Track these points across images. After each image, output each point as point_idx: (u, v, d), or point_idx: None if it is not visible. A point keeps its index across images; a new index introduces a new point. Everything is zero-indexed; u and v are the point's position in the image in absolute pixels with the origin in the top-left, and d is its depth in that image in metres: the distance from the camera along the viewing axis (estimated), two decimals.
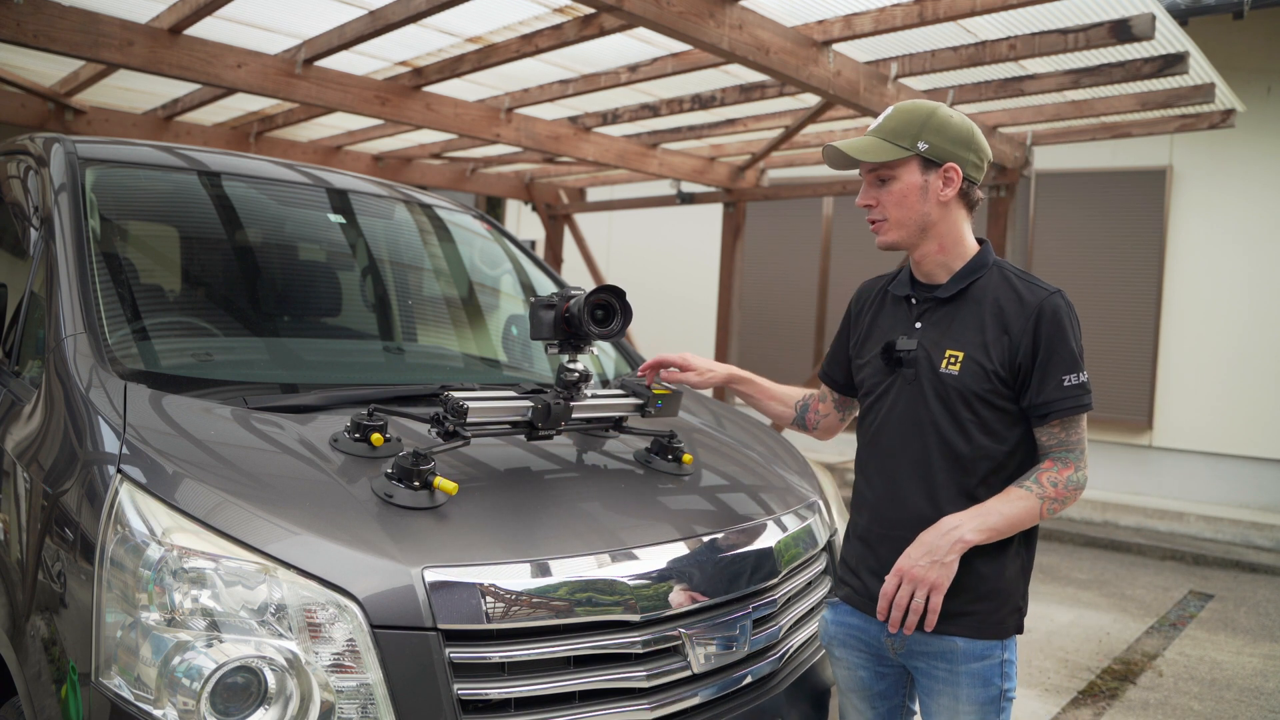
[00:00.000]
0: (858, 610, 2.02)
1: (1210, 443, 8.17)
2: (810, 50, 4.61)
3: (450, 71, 5.57)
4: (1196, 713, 4.15)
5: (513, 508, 1.91)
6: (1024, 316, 1.87)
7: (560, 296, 2.11)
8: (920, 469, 1.92)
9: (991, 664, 1.89)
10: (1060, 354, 1.85)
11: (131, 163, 2.74)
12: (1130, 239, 8.53)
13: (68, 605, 1.68)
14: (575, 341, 2.12)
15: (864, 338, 2.10)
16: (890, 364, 1.98)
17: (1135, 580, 6.55)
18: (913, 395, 1.93)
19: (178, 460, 1.75)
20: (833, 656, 2.10)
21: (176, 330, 2.48)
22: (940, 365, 1.90)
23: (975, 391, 1.87)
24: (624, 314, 2.10)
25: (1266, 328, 8.00)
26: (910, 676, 2.04)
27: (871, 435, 2.02)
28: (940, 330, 1.94)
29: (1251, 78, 7.72)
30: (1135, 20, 4.36)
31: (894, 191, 1.93)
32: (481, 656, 1.65)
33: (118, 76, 6.13)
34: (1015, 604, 1.93)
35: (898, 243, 1.95)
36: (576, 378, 2.13)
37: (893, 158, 1.91)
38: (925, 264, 1.98)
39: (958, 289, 1.94)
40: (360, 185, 3.25)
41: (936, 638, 1.90)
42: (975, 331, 1.90)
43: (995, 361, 1.86)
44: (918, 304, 1.99)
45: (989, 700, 1.89)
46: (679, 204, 9.08)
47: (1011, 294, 1.91)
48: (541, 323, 2.11)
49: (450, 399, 1.95)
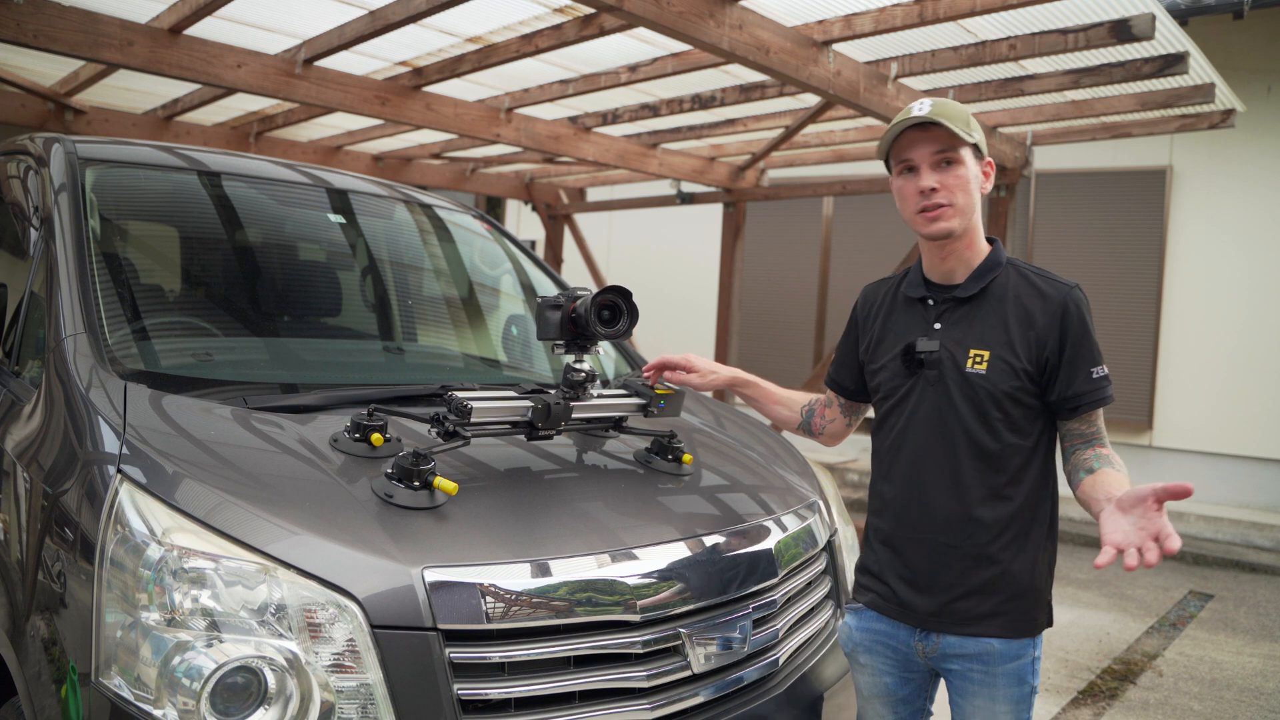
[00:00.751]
0: (884, 616, 2.00)
1: (1210, 442, 8.17)
2: (810, 50, 4.60)
3: (450, 71, 5.57)
4: (1196, 713, 4.15)
5: (513, 508, 1.91)
6: (1049, 312, 1.86)
7: (566, 297, 2.12)
8: (948, 470, 1.90)
9: (1025, 662, 1.90)
10: (1086, 347, 1.85)
11: (131, 163, 2.74)
12: (1130, 239, 8.53)
13: (68, 605, 1.67)
14: (581, 341, 2.13)
15: (876, 341, 2.06)
16: (911, 366, 1.95)
17: (1135, 580, 6.55)
18: (937, 396, 1.91)
19: (178, 460, 1.75)
20: (855, 663, 2.08)
21: (176, 330, 2.48)
22: (966, 365, 1.88)
23: (1004, 389, 1.86)
24: (630, 314, 2.11)
25: (1266, 328, 8.00)
26: (931, 679, 2.02)
27: (895, 438, 1.99)
28: (962, 329, 1.92)
29: (1251, 78, 7.71)
30: (1135, 20, 4.35)
31: (960, 176, 1.89)
32: (481, 656, 1.65)
33: (118, 76, 6.13)
34: (1045, 599, 1.94)
35: (955, 230, 1.90)
36: (583, 377, 2.14)
37: (965, 139, 1.88)
38: (950, 260, 1.95)
39: (978, 287, 1.93)
40: (360, 185, 3.25)
41: (973, 640, 1.89)
42: (1000, 329, 1.88)
43: (1023, 359, 1.85)
44: (936, 304, 1.97)
45: (1022, 698, 1.90)
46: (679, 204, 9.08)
47: (1032, 290, 1.89)
48: (548, 323, 2.12)
49: (454, 399, 1.96)
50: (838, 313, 10.05)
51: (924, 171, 1.91)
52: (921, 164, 1.91)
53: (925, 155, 1.90)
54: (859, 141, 7.31)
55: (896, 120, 1.92)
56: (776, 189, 8.58)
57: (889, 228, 9.48)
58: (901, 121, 1.90)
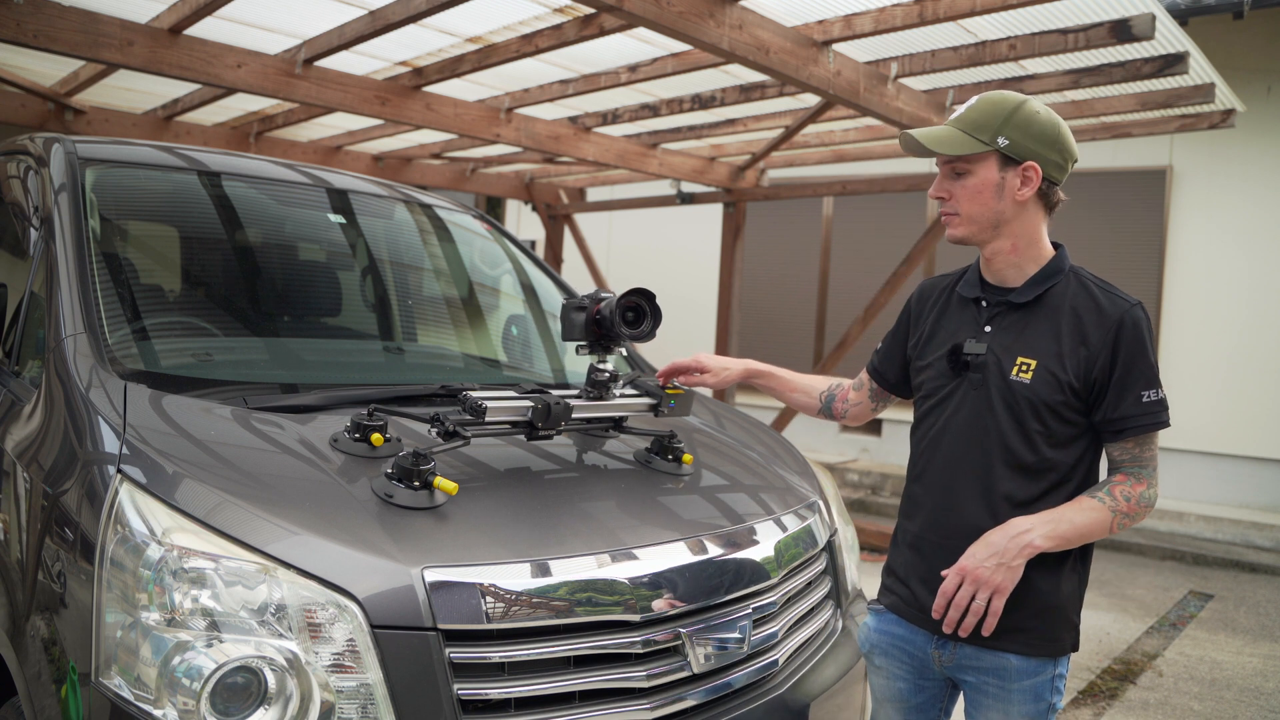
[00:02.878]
0: (904, 620, 1.97)
1: (1210, 443, 8.17)
2: (810, 50, 4.61)
3: (450, 71, 5.57)
4: (1196, 712, 4.15)
5: (513, 508, 1.91)
6: (1104, 328, 1.79)
7: (591, 299, 2.18)
8: (981, 478, 1.85)
9: (1043, 680, 1.84)
10: (1140, 368, 1.77)
11: (131, 163, 2.74)
12: (1130, 239, 8.53)
13: (68, 605, 1.68)
14: (606, 342, 2.19)
15: (926, 338, 2.02)
16: (956, 368, 1.90)
17: (1135, 580, 6.54)
18: (978, 401, 1.85)
19: (178, 460, 1.75)
20: (871, 665, 2.06)
21: (176, 330, 2.48)
22: (1011, 372, 1.83)
23: (1046, 402, 1.79)
24: (654, 316, 2.16)
25: (1266, 328, 8.00)
26: (948, 689, 1.99)
27: (930, 440, 1.94)
28: (1012, 336, 1.86)
29: (1251, 78, 7.71)
30: (1135, 20, 4.35)
31: (968, 186, 1.85)
32: (481, 656, 1.65)
33: (118, 76, 6.13)
34: (1071, 621, 1.87)
35: (967, 238, 1.88)
36: (607, 377, 2.21)
37: (969, 151, 1.83)
38: (996, 262, 1.91)
39: (1034, 294, 1.86)
40: (360, 185, 3.25)
41: (990, 653, 1.84)
42: (1051, 340, 1.82)
43: (1070, 373, 1.79)
44: (988, 307, 1.91)
45: (1038, 714, 1.85)
46: (679, 204, 9.08)
47: (1091, 303, 1.82)
48: (574, 324, 2.19)
49: (469, 399, 1.98)
50: (838, 313, 10.05)
51: (937, 178, 1.91)
52: (939, 171, 1.91)
53: (940, 162, 1.90)
54: (859, 141, 7.31)
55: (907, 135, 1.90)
56: (776, 189, 8.58)
57: (889, 228, 9.48)
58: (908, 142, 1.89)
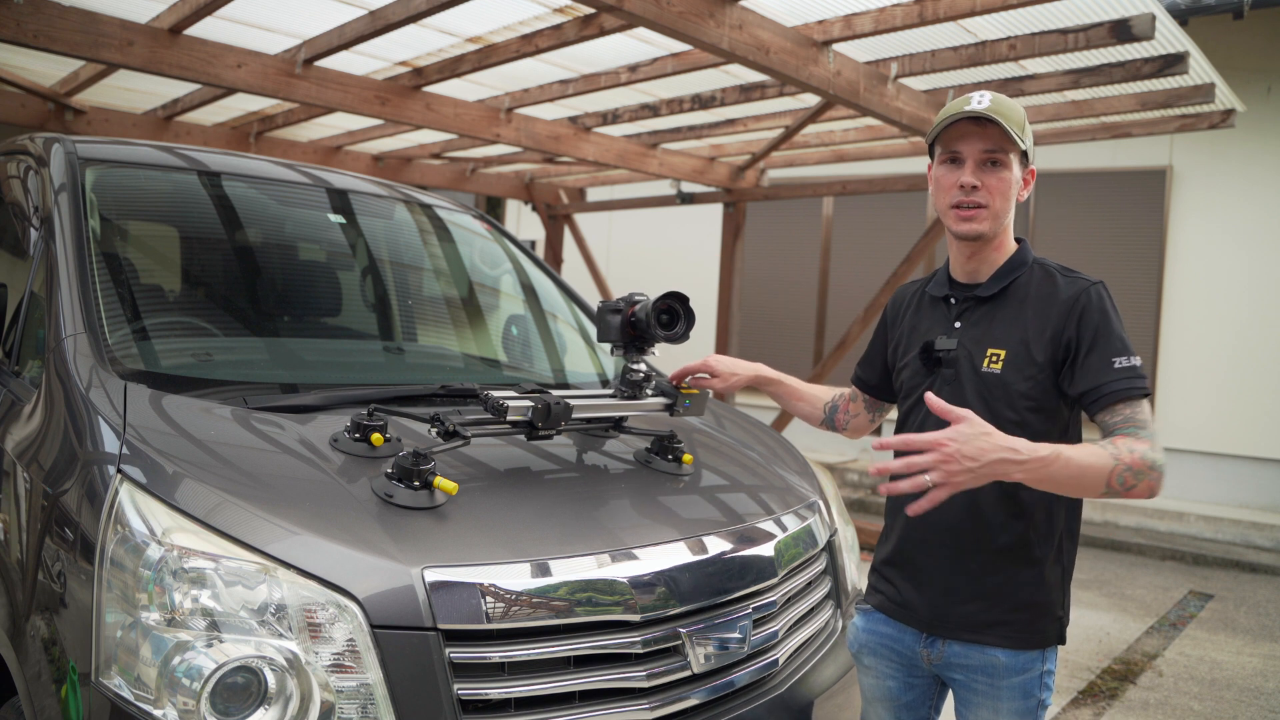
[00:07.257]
0: (892, 619, 1.98)
1: (1210, 443, 8.17)
2: (810, 50, 4.61)
3: (450, 71, 5.57)
4: (1196, 713, 4.15)
5: (513, 508, 1.91)
6: (1066, 306, 1.81)
7: (626, 301, 2.24)
8: None
9: (1032, 677, 1.85)
10: (1106, 337, 1.78)
11: (131, 163, 2.74)
12: (1130, 239, 8.53)
13: (68, 605, 1.67)
14: (639, 344, 2.24)
15: (904, 341, 2.05)
16: (929, 364, 1.92)
17: (1135, 580, 6.54)
18: (953, 396, 1.85)
19: (178, 460, 1.75)
20: (860, 664, 2.07)
21: (176, 330, 2.48)
22: (982, 365, 1.85)
23: (1019, 389, 1.81)
24: (688, 318, 2.21)
25: (1266, 328, 8.00)
26: (937, 687, 2.00)
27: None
28: (981, 329, 1.89)
29: (1251, 78, 7.71)
30: (1135, 20, 4.35)
31: (1004, 179, 1.83)
32: (481, 656, 1.65)
33: (118, 76, 6.13)
34: (1055, 613, 1.88)
35: (985, 233, 1.86)
36: (641, 378, 2.26)
37: (1018, 143, 1.82)
38: (975, 260, 1.92)
39: (999, 287, 1.89)
40: (360, 185, 3.25)
41: (978, 650, 1.85)
42: (1018, 328, 1.84)
43: (1039, 355, 1.81)
44: (957, 303, 1.94)
45: (1028, 711, 1.86)
46: (679, 204, 9.08)
47: (1052, 288, 1.85)
48: (609, 326, 2.24)
49: (490, 398, 2.01)
50: (838, 313, 10.05)
51: (969, 167, 1.85)
52: (969, 159, 1.85)
53: (974, 151, 1.84)
54: (859, 141, 7.31)
55: (952, 108, 1.85)
56: (776, 189, 8.58)
57: (889, 228, 9.47)
58: (957, 111, 1.83)
